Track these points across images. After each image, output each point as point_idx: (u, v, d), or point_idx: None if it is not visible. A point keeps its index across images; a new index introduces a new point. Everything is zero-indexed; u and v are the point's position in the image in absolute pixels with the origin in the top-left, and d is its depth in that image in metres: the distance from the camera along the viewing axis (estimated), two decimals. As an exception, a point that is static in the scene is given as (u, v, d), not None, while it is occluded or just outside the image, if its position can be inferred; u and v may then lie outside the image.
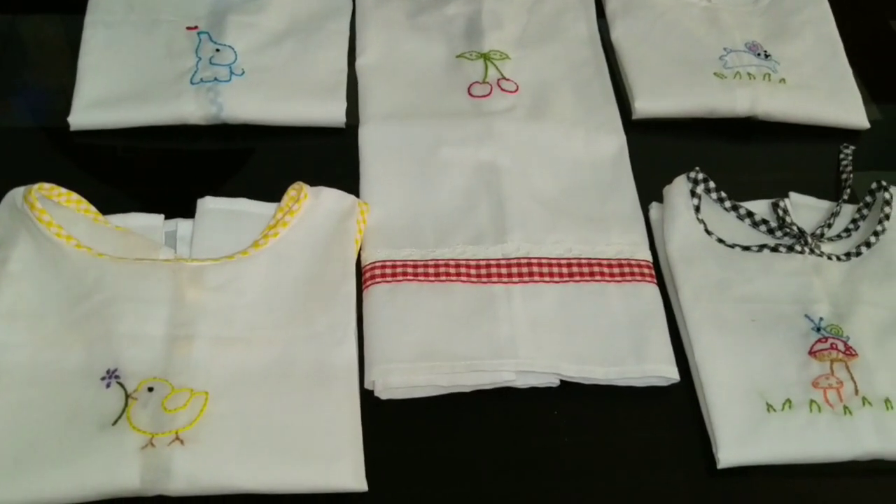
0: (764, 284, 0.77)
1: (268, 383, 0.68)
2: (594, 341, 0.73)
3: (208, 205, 0.77)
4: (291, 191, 0.77)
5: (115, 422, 0.64)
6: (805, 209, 0.84)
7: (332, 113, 0.88)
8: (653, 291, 0.77)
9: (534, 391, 0.72)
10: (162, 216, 0.77)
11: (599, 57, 0.96)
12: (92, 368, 0.66)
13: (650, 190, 0.84)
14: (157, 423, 0.64)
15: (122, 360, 0.67)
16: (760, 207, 0.83)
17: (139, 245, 0.73)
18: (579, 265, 0.78)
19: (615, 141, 0.88)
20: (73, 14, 0.94)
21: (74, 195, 0.75)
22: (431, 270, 0.76)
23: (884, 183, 0.84)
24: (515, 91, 0.91)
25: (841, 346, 0.73)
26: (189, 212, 0.77)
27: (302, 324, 0.71)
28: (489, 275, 0.76)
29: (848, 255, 0.80)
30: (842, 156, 0.91)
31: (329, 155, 0.87)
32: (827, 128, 0.94)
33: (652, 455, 0.70)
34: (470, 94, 0.91)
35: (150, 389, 0.66)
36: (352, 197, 0.79)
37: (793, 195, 0.85)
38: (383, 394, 0.70)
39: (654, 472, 0.69)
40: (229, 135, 0.88)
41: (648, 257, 0.79)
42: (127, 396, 0.65)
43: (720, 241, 0.80)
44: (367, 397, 0.70)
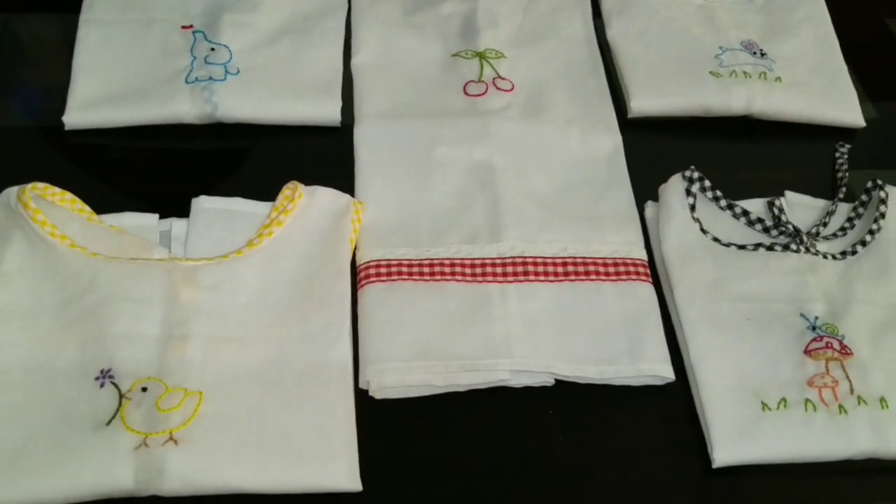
0: (759, 283, 0.76)
1: (262, 383, 0.67)
2: (589, 340, 0.73)
3: (203, 204, 0.77)
4: (286, 190, 0.77)
5: (109, 422, 0.64)
6: (801, 208, 0.84)
7: (328, 112, 0.88)
8: (648, 290, 0.77)
9: (529, 391, 0.72)
10: (156, 216, 0.77)
11: (595, 56, 0.96)
12: (86, 368, 0.66)
13: (646, 189, 0.84)
14: (150, 423, 0.64)
15: (115, 360, 0.67)
16: (756, 206, 0.83)
17: (133, 245, 0.73)
18: (574, 264, 0.77)
19: (611, 140, 0.88)
20: (68, 13, 0.94)
21: (69, 195, 0.75)
22: (426, 270, 0.76)
23: (879, 181, 0.84)
24: (511, 90, 0.91)
25: (836, 344, 0.73)
26: (184, 211, 0.77)
27: (296, 323, 0.71)
28: (484, 274, 0.76)
29: (843, 253, 0.80)
30: (837, 154, 0.91)
31: (324, 154, 0.87)
32: (823, 126, 0.94)
33: (647, 454, 0.70)
34: (465, 93, 0.90)
35: (144, 389, 0.65)
36: (347, 196, 0.78)
37: (788, 194, 0.85)
38: (378, 393, 0.70)
39: (649, 471, 0.69)
40: (224, 134, 0.88)
41: (644, 256, 0.79)
42: (121, 396, 0.65)
43: (715, 239, 0.80)
44: (361, 397, 0.70)
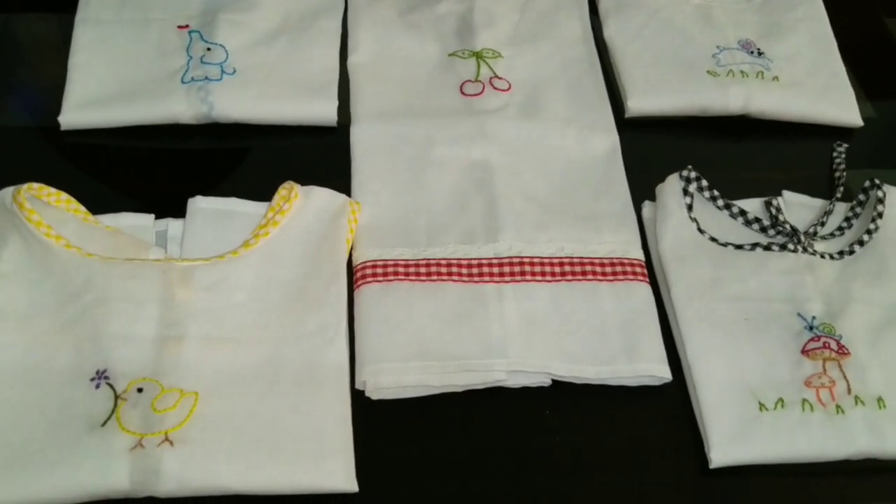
0: (756, 283, 0.76)
1: (258, 383, 0.67)
2: (586, 341, 0.73)
3: (199, 204, 0.77)
4: (282, 190, 0.77)
5: (105, 423, 0.64)
6: (798, 207, 0.84)
7: (324, 111, 0.88)
8: (645, 290, 0.77)
9: (525, 391, 0.72)
10: (152, 216, 0.77)
11: (592, 55, 0.96)
12: (81, 369, 0.66)
13: (643, 188, 0.84)
14: (146, 424, 0.64)
15: (111, 361, 0.66)
16: (753, 206, 0.83)
17: (129, 245, 0.73)
18: (571, 264, 0.77)
19: (608, 139, 0.88)
20: (65, 13, 0.94)
21: (64, 195, 0.75)
22: (423, 270, 0.76)
23: (877, 181, 0.84)
24: (508, 89, 0.91)
25: (833, 344, 0.73)
26: (180, 211, 0.77)
27: (292, 324, 0.70)
28: (481, 274, 0.76)
29: (841, 253, 0.80)
30: (835, 154, 0.91)
31: (320, 154, 0.87)
32: (820, 126, 0.93)
33: (644, 455, 0.70)
34: (462, 93, 0.90)
35: (140, 390, 0.65)
36: (343, 196, 0.78)
37: (786, 193, 0.85)
38: (374, 394, 0.70)
39: (646, 471, 0.69)
40: (220, 134, 0.88)
41: (641, 256, 0.79)
42: (116, 397, 0.65)
43: (713, 239, 0.79)
44: (357, 397, 0.69)
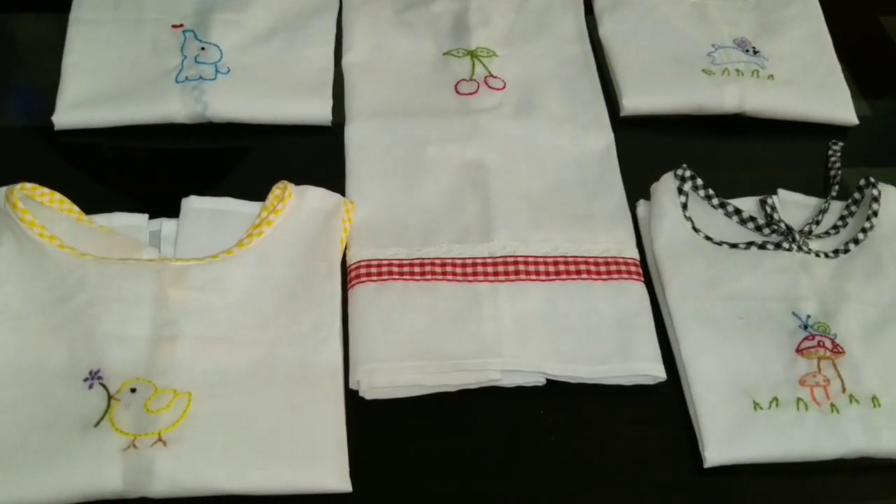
0: (751, 282, 0.76)
1: (252, 384, 0.67)
2: (580, 340, 0.73)
3: (193, 204, 0.77)
4: (276, 190, 0.77)
5: (98, 423, 0.63)
6: (793, 206, 0.84)
7: (318, 111, 0.88)
8: (639, 289, 0.76)
9: (520, 390, 0.72)
10: (146, 216, 0.77)
11: (587, 54, 0.96)
12: (74, 369, 0.66)
13: (638, 187, 0.84)
14: (139, 425, 0.63)
15: (104, 361, 0.66)
16: (748, 204, 0.83)
17: (123, 245, 0.73)
18: (566, 263, 0.77)
19: (603, 138, 0.88)
20: (59, 13, 0.93)
21: (57, 195, 0.75)
22: (417, 269, 0.76)
23: (872, 179, 0.84)
24: (503, 88, 0.91)
25: (828, 343, 0.73)
26: (173, 211, 0.77)
27: (286, 324, 0.70)
28: (475, 273, 0.76)
29: (836, 252, 0.80)
30: (830, 152, 0.91)
31: (315, 153, 0.87)
32: (815, 124, 0.93)
33: (639, 454, 0.70)
34: (457, 92, 0.90)
35: (133, 390, 0.65)
36: (337, 195, 0.78)
37: (781, 192, 0.84)
38: (368, 394, 0.70)
39: (640, 470, 0.69)
40: (214, 133, 0.88)
41: (635, 255, 0.79)
42: (109, 398, 0.65)
43: (707, 238, 0.79)
44: (351, 397, 0.69)
